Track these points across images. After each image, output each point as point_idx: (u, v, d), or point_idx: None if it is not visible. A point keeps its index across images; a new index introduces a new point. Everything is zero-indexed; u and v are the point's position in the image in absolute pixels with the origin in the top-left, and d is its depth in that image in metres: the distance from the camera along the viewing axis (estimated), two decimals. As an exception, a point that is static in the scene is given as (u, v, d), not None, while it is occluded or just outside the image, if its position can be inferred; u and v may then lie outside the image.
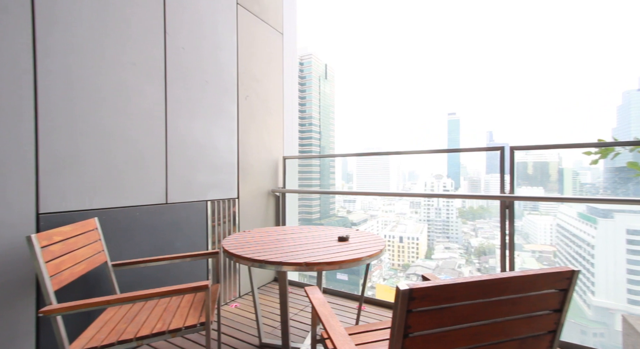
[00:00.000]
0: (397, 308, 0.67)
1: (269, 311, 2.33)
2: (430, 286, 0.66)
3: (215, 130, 2.35)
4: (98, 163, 1.62)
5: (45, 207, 1.42)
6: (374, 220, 32.94)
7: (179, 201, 2.07)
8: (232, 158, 2.52)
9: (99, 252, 1.51)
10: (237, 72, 2.55)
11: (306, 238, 1.76)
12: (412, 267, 24.65)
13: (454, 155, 51.13)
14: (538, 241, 25.64)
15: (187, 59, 2.12)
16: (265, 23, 2.88)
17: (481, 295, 0.70)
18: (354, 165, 53.02)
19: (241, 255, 1.40)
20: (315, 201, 30.89)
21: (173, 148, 2.02)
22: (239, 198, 2.58)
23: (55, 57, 1.45)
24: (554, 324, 0.79)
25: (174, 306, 1.44)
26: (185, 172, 2.11)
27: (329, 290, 2.69)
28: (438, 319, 0.70)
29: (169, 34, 1.99)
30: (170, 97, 2.00)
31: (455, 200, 32.81)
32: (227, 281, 2.47)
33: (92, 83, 1.60)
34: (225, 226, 2.45)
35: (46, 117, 1.42)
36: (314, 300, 1.14)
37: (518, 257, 2.12)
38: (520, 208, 29.07)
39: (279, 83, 3.10)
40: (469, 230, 33.60)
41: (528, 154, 33.00)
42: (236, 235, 1.83)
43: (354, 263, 1.38)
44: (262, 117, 2.85)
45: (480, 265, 26.64)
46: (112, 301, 1.11)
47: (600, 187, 26.19)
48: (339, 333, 0.95)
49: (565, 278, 0.74)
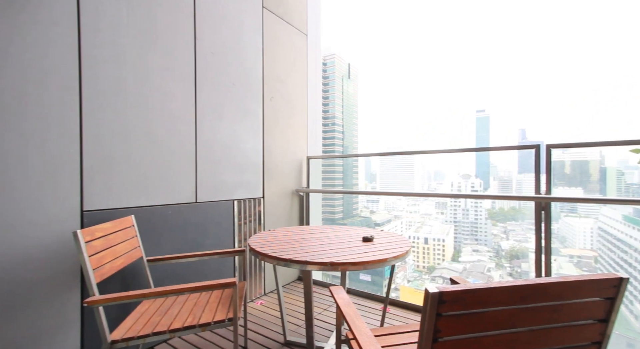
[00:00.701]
0: (426, 311, 0.66)
1: (293, 310, 2.36)
2: (462, 289, 0.64)
3: (242, 131, 2.42)
4: (135, 163, 1.72)
5: (89, 205, 1.52)
6: (397, 221, 32.31)
7: (207, 200, 2.14)
8: (258, 158, 2.57)
9: (135, 248, 1.60)
10: (263, 74, 2.60)
11: (330, 238, 1.76)
12: (437, 269, 23.89)
13: (483, 154, 48.85)
14: (576, 245, 23.96)
15: (215, 63, 2.19)
16: (289, 24, 2.91)
17: (517, 301, 0.67)
18: (377, 165, 52.23)
19: (267, 253, 1.43)
20: (338, 201, 30.82)
21: (202, 150, 2.10)
22: (264, 197, 2.63)
23: (96, 65, 1.56)
24: (598, 335, 0.74)
25: (203, 301, 1.50)
26: (213, 172, 2.19)
27: (352, 290, 2.68)
28: (470, 325, 0.67)
29: (198, 39, 2.06)
30: (200, 99, 2.08)
31: (484, 200, 31.40)
32: (252, 279, 2.53)
33: (130, 88, 1.70)
34: (251, 225, 2.51)
35: (89, 121, 1.53)
36: (339, 300, 1.14)
37: (554, 262, 2.00)
38: (556, 209, 27.21)
39: (303, 83, 3.12)
40: (499, 232, 32.06)
41: (565, 152, 30.91)
42: (262, 234, 1.87)
43: (379, 264, 1.36)
44: (286, 117, 2.89)
45: (512, 269, 25.35)
46: (148, 295, 1.17)
47: (649, 188, 24.03)
48: (365, 334, 0.95)
49: (612, 285, 0.69)
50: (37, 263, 1.37)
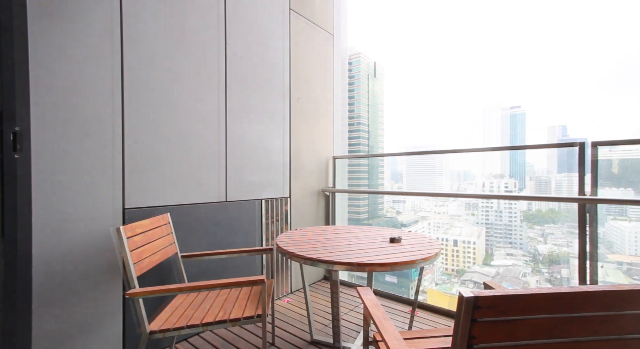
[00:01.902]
0: (460, 317, 0.64)
1: (319, 309, 2.37)
2: (499, 295, 0.61)
3: (269, 132, 2.47)
4: (170, 164, 1.82)
5: (129, 203, 1.63)
6: (425, 222, 31.39)
7: (236, 199, 2.21)
8: (285, 158, 2.61)
9: (171, 244, 1.69)
10: (290, 75, 2.64)
11: (357, 238, 1.75)
12: (467, 273, 22.89)
13: (518, 152, 46.25)
14: (626, 251, 21.94)
15: (244, 66, 2.26)
16: (316, 25, 2.93)
17: (560, 309, 0.63)
18: (404, 165, 51.09)
19: (294, 252, 1.45)
20: (364, 201, 30.51)
21: (231, 150, 2.17)
22: (291, 197, 2.67)
23: (138, 72, 1.66)
24: (655, 351, 0.67)
25: (233, 297, 1.55)
26: (241, 172, 2.25)
27: (378, 292, 2.64)
28: (508, 332, 0.64)
29: (228, 43, 2.13)
30: (230, 102, 2.15)
31: (520, 201, 29.74)
32: (279, 277, 2.57)
33: (167, 93, 1.79)
34: (278, 224, 2.56)
35: (130, 125, 1.63)
36: (366, 301, 1.13)
37: (601, 268, 1.85)
38: (602, 212, 25.01)
39: (329, 84, 3.13)
40: (536, 235, 30.16)
41: (612, 150, 28.48)
42: (288, 233, 1.90)
43: (407, 265, 1.34)
44: (312, 117, 2.91)
45: (551, 275, 23.74)
46: (184, 289, 1.23)
47: None
48: (393, 336, 0.93)
49: (672, 297, 0.63)
50: (84, 257, 1.48)
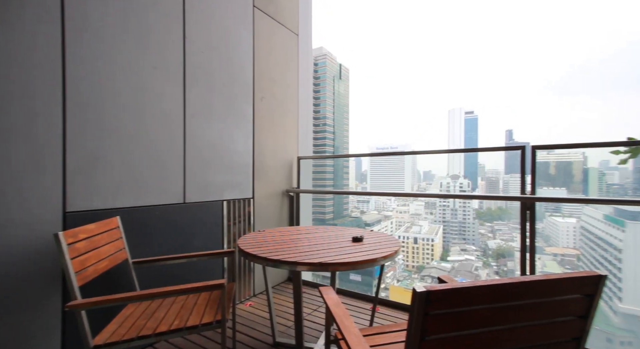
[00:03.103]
0: (413, 311, 0.67)
1: (282, 311, 2.35)
2: (448, 288, 0.65)
3: (232, 131, 2.39)
4: (120, 163, 1.68)
5: (72, 206, 1.48)
6: (388, 221, 32.57)
7: (196, 201, 2.11)
8: (248, 158, 2.55)
9: (121, 250, 1.56)
10: (253, 74, 2.58)
11: (320, 239, 1.76)
12: (426, 269, 24.19)
13: (471, 155, 49.80)
14: (560, 244, 24.63)
15: (205, 62, 2.17)
16: (280, 24, 2.90)
17: (501, 299, 0.68)
18: (368, 165, 52.50)
19: (256, 254, 1.42)
20: (329, 202, 30.85)
21: (191, 149, 2.07)
22: (254, 198, 2.61)
23: (82, 63, 1.52)
24: (578, 331, 0.76)
25: (190, 303, 1.48)
26: (202, 172, 2.16)
27: (342, 291, 2.68)
28: (456, 323, 0.68)
29: (188, 38, 2.03)
30: (189, 99, 2.05)
31: (473, 201, 31.96)
32: (241, 280, 2.51)
33: (116, 87, 1.66)
34: (241, 225, 2.49)
35: (73, 120, 1.49)
36: (328, 300, 1.14)
37: (539, 260, 2.04)
38: (541, 209, 27.74)
39: (294, 84, 3.12)
40: (487, 231, 32.69)
41: (550, 153, 31.72)
42: (251, 235, 1.86)
43: (368, 263, 1.37)
44: (277, 117, 2.88)
45: (499, 267, 25.92)
46: (133, 298, 1.14)
47: (629, 188, 24.91)
48: (353, 334, 0.95)
49: (592, 283, 0.71)
50: (18, 266, 1.32)
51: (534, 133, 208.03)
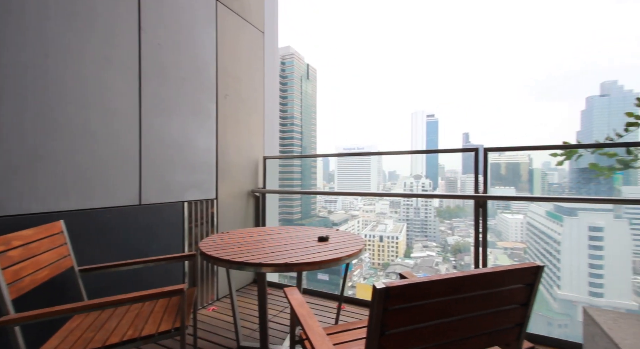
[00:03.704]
0: (374, 307, 0.68)
1: (247, 314, 2.30)
2: (406, 284, 0.67)
3: (193, 129, 2.29)
4: (66, 162, 1.54)
5: (3, 210, 1.32)
6: (354, 220, 33.22)
7: (153, 202, 1.99)
8: (211, 158, 2.46)
9: (65, 257, 1.43)
10: (217, 70, 2.49)
11: (286, 239, 1.75)
12: (391, 266, 25.04)
13: (432, 156, 52.41)
14: (510, 238, 26.81)
15: (164, 56, 2.05)
16: (245, 21, 2.84)
17: (454, 292, 0.72)
18: (335, 166, 53.14)
19: (219, 256, 1.37)
20: (297, 202, 30.75)
21: (148, 147, 1.95)
22: (218, 198, 2.53)
23: (17, 51, 1.36)
24: (521, 318, 0.83)
25: (146, 311, 1.39)
26: (160, 172, 2.04)
27: (309, 291, 2.69)
28: (413, 317, 0.71)
29: (144, 29, 1.91)
30: (145, 94, 1.93)
31: (434, 199, 33.58)
32: (204, 284, 2.41)
33: (60, 78, 1.51)
34: (203, 227, 2.39)
35: (9, 114, 1.33)
36: (292, 301, 1.13)
37: (491, 254, 2.20)
38: (493, 207, 29.86)
39: (260, 82, 3.06)
40: (446, 228, 34.61)
41: (501, 155, 34.41)
42: (214, 237, 1.79)
43: (333, 263, 1.38)
44: (242, 116, 2.81)
45: (456, 262, 27.54)
46: (77, 309, 1.05)
47: (566, 187, 27.80)
48: (317, 333, 0.95)
49: (532, 273, 0.78)
50: None
51: (489, 136, 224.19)
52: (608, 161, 1.80)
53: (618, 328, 1.19)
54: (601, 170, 1.71)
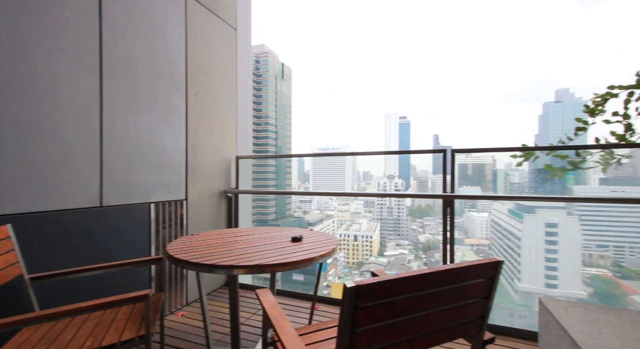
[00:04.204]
0: (344, 306, 0.69)
1: (219, 318, 2.23)
2: (375, 282, 0.69)
3: (161, 126, 2.19)
4: (14, 161, 1.41)
5: (-60, 213, 1.19)
6: (330, 220, 33.50)
7: (116, 204, 1.88)
8: (180, 157, 2.37)
9: (13, 264, 1.31)
10: (186, 67, 2.40)
11: (259, 240, 1.72)
12: (365, 264, 25.50)
13: (405, 156, 53.84)
14: (476, 235, 28.21)
15: (128, 49, 1.94)
16: (217, 16, 2.76)
17: (421, 288, 0.75)
18: (311, 166, 53.18)
19: (188, 260, 1.32)
20: (271, 202, 30.45)
21: (110, 146, 1.84)
22: (188, 199, 2.43)
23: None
24: (483, 310, 0.87)
25: (108, 320, 1.31)
26: (124, 171, 1.93)
27: (283, 292, 2.67)
28: (383, 314, 0.73)
29: (105, 20, 1.80)
30: (108, 89, 1.82)
31: (406, 199, 34.65)
32: (173, 289, 2.31)
33: (8, 70, 1.38)
34: (172, 229, 2.30)
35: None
36: (264, 303, 1.12)
37: (459, 251, 2.30)
38: (461, 206, 31.24)
39: (232, 80, 2.99)
40: (418, 227, 35.75)
41: (469, 157, 36.07)
42: (183, 239, 1.72)
43: (306, 263, 1.38)
44: (213, 114, 2.73)
45: (427, 259, 28.56)
46: (26, 320, 0.96)
47: (526, 186, 29.70)
48: (288, 334, 0.94)
49: (492, 268, 0.83)
50: None
51: (458, 139, 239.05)
52: (561, 162, 1.94)
53: (568, 315, 1.29)
54: (554, 171, 1.84)
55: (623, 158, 1.71)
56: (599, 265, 18.74)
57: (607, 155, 1.71)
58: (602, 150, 1.70)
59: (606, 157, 1.71)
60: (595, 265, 18.79)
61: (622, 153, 1.71)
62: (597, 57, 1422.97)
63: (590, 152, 1.76)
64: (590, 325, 1.21)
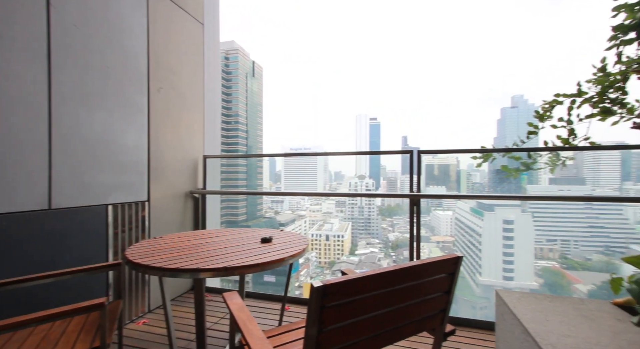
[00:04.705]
0: (311, 305, 0.69)
1: (184, 324, 2.14)
2: (342, 281, 0.69)
3: (120, 123, 2.06)
4: (-59, 159, 1.25)
5: None
6: (302, 220, 33.46)
7: (68, 206, 1.74)
8: (142, 156, 2.24)
9: (-58, 275, 1.16)
10: (148, 61, 2.28)
11: (227, 242, 1.67)
12: (337, 264, 25.78)
13: (376, 156, 55.16)
14: (442, 233, 29.62)
15: (81, 39, 1.80)
16: (182, 10, 2.64)
17: (387, 285, 0.77)
18: (282, 166, 52.79)
19: (149, 264, 1.25)
20: (242, 203, 29.79)
21: (60, 143, 1.69)
22: (150, 200, 2.31)
23: None
24: (445, 304, 0.92)
25: (56, 332, 1.20)
26: (77, 171, 1.79)
27: (253, 294, 2.62)
28: (350, 312, 0.74)
29: (54, 6, 1.65)
30: (58, 81, 1.67)
31: (376, 198, 35.48)
32: (133, 296, 2.18)
33: None
34: (132, 233, 2.16)
35: None
36: (232, 306, 1.09)
37: (426, 248, 2.40)
38: (427, 205, 33.02)
39: (199, 76, 2.88)
40: (388, 226, 36.72)
41: (435, 157, 37.75)
42: (145, 242, 1.63)
43: (276, 263, 1.36)
44: (179, 111, 2.61)
45: (396, 257, 29.45)
46: (-42, 337, 0.86)
47: (486, 186, 31.72)
48: (256, 337, 0.93)
49: (453, 263, 0.87)
50: None
51: (427, 140, 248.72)
52: (515, 163, 2.09)
53: (520, 305, 1.40)
54: (510, 171, 1.98)
55: (567, 159, 1.87)
56: (549, 257, 20.54)
57: (554, 157, 1.87)
58: (550, 152, 1.86)
59: (553, 158, 1.87)
60: (546, 258, 20.56)
61: (566, 156, 1.88)
62: (550, 67, 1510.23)
63: (540, 154, 1.91)
64: (539, 313, 1.31)
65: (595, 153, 24.46)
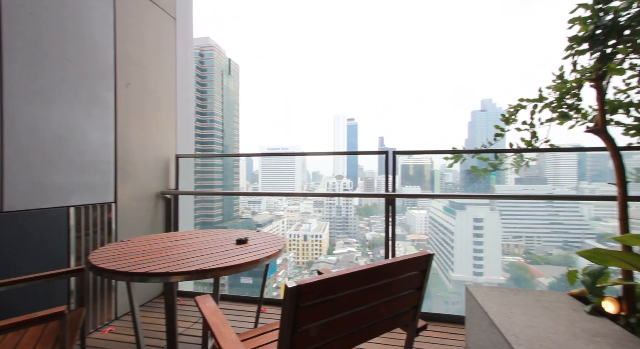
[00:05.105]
0: (286, 305, 0.68)
1: (155, 330, 2.05)
2: (316, 281, 0.69)
3: (83, 120, 1.93)
4: None
5: None
6: (279, 220, 33.17)
7: (23, 209, 1.61)
8: (108, 155, 2.12)
9: None
10: (115, 55, 2.16)
11: (201, 244, 1.62)
12: (315, 264, 25.83)
13: (353, 157, 55.83)
14: (417, 231, 30.50)
15: (38, 29, 1.68)
16: (152, 3, 2.53)
17: (361, 284, 0.77)
18: (259, 166, 52.09)
19: (115, 269, 1.18)
20: (217, 203, 29.07)
21: (14, 140, 1.56)
22: (117, 202, 2.19)
23: None
24: (417, 300, 0.94)
25: (8, 346, 1.11)
26: (34, 171, 1.66)
27: (229, 297, 2.56)
28: (324, 311, 0.74)
29: (8, -9, 1.52)
30: (10, 74, 1.54)
31: (354, 198, 35.92)
32: (98, 303, 2.06)
33: None
34: (97, 236, 2.04)
35: None
36: (204, 310, 1.05)
37: (402, 246, 2.46)
38: (403, 204, 33.94)
39: (171, 72, 2.77)
40: (365, 225, 37.28)
41: (410, 158, 38.83)
42: (111, 246, 1.54)
43: (251, 265, 1.34)
44: (149, 109, 2.50)
45: (373, 255, 29.95)
46: None
47: (458, 185, 33.02)
48: (230, 340, 0.90)
49: (424, 260, 0.89)
50: None
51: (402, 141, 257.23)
52: (484, 164, 2.19)
53: (488, 299, 1.47)
54: (479, 172, 2.07)
55: (530, 160, 1.99)
56: (515, 253, 21.79)
57: (518, 158, 1.98)
58: (514, 154, 1.97)
59: (518, 159, 1.98)
60: (512, 254, 21.81)
61: (529, 157, 1.99)
62: (517, 72, 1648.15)
63: (506, 155, 2.02)
64: (504, 306, 1.38)
65: (555, 155, 26.28)
